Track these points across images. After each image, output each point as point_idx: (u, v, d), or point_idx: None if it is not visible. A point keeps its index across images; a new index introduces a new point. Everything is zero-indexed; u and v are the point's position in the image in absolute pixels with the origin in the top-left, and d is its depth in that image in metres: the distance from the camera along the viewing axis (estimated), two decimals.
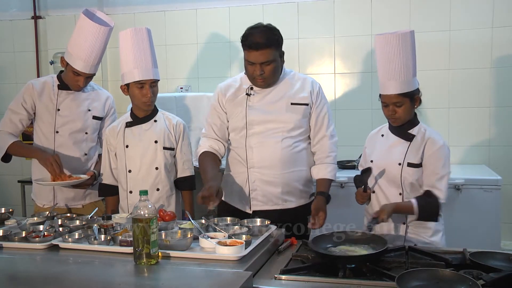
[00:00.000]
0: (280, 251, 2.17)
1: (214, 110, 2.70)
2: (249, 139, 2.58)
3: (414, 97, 2.42)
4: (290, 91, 2.61)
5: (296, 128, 2.59)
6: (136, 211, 1.87)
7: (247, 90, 2.61)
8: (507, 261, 1.93)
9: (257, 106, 2.59)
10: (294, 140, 2.58)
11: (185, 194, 2.87)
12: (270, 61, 2.48)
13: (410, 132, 2.45)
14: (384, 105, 2.46)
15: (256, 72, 2.49)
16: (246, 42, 2.48)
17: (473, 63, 4.07)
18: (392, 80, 2.38)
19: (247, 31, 2.51)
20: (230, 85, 2.69)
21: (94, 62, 2.84)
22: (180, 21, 4.66)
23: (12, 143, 2.90)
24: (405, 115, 2.42)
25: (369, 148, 2.62)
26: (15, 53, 5.07)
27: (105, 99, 3.08)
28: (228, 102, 2.64)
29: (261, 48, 2.44)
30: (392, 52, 2.37)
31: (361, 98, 4.31)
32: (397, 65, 2.37)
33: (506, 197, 3.82)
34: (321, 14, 4.33)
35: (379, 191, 2.50)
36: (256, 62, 2.47)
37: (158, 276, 1.82)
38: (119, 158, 2.79)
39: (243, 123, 2.59)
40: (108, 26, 2.86)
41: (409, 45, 2.39)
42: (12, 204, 4.34)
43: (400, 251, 2.11)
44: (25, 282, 1.84)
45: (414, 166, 2.41)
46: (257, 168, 2.57)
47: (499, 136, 4.08)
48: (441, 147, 2.40)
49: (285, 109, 2.58)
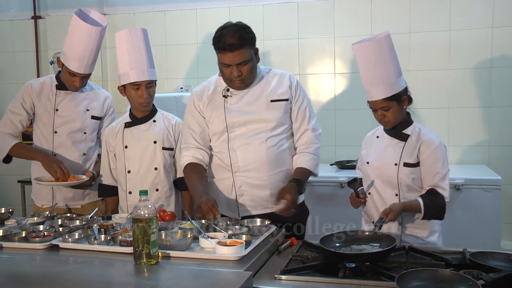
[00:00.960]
0: (280, 251, 2.17)
1: (191, 117, 2.59)
2: (232, 143, 2.50)
3: (401, 98, 2.40)
4: (268, 89, 2.53)
5: (279, 125, 2.51)
6: (136, 211, 1.87)
7: (223, 92, 2.53)
8: (507, 261, 1.92)
9: (236, 108, 2.51)
10: (278, 139, 2.51)
11: (185, 194, 2.86)
12: (247, 61, 2.40)
13: (405, 132, 2.45)
14: (373, 110, 2.46)
15: (233, 74, 2.41)
16: (219, 44, 2.38)
17: (473, 63, 4.07)
18: (375, 86, 2.38)
19: (218, 32, 2.41)
20: (203, 89, 2.60)
21: (88, 62, 2.83)
22: (180, 21, 4.66)
23: (14, 145, 2.90)
24: (395, 118, 2.42)
25: (365, 149, 2.62)
26: (15, 53, 5.07)
27: (103, 99, 3.07)
28: (206, 106, 2.55)
29: (235, 49, 2.35)
30: (370, 59, 2.37)
31: (361, 98, 4.23)
32: (377, 71, 2.37)
33: (506, 197, 3.82)
34: (321, 14, 4.33)
35: (374, 192, 2.50)
36: (231, 63, 2.39)
37: (158, 276, 1.82)
38: (118, 158, 2.79)
39: (223, 126, 2.51)
40: (100, 26, 2.84)
41: (385, 49, 2.37)
42: (12, 204, 4.34)
43: (400, 251, 2.10)
44: (25, 282, 1.84)
45: (410, 166, 2.41)
46: (242, 172, 2.50)
47: (499, 136, 4.08)
48: (438, 146, 2.40)
49: (266, 107, 2.50)
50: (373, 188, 2.50)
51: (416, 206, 2.36)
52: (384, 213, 2.31)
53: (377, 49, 2.37)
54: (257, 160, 2.48)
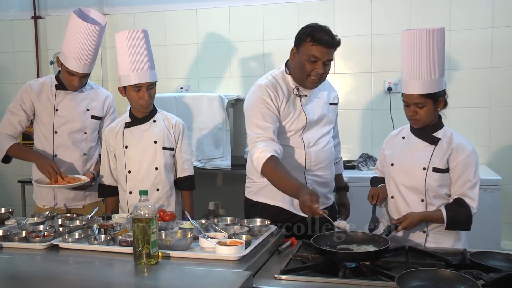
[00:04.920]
0: (280, 251, 2.17)
1: (268, 109, 2.45)
2: (306, 141, 2.55)
3: (438, 99, 2.29)
4: (325, 92, 2.65)
5: (333, 127, 2.71)
6: (136, 211, 1.87)
7: (294, 91, 2.54)
8: (507, 261, 1.92)
9: (310, 107, 2.56)
10: (331, 139, 2.68)
11: (185, 194, 2.86)
12: (330, 62, 2.46)
13: (435, 135, 2.34)
14: (406, 104, 2.32)
15: (317, 70, 2.41)
16: (315, 36, 2.37)
17: (473, 63, 4.07)
18: (416, 79, 2.24)
19: (313, 27, 2.42)
20: (275, 85, 2.53)
21: (87, 61, 2.82)
22: (180, 21, 4.66)
23: (11, 146, 2.91)
24: (427, 117, 2.30)
25: (389, 150, 2.49)
26: (15, 53, 5.07)
27: (104, 99, 3.06)
28: (283, 103, 2.50)
29: (330, 47, 2.40)
30: (418, 49, 2.22)
31: (361, 98, 4.32)
32: (422, 64, 2.22)
33: (506, 197, 3.82)
34: (321, 14, 4.32)
35: (399, 196, 2.38)
36: (322, 59, 2.40)
37: (158, 276, 1.82)
38: (119, 158, 2.79)
39: (303, 124, 2.52)
40: (99, 25, 2.83)
41: (437, 43, 2.24)
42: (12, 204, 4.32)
43: (400, 251, 2.11)
44: (25, 282, 1.85)
45: (440, 172, 2.29)
46: (313, 170, 2.56)
47: (499, 136, 4.08)
48: (471, 153, 2.29)
49: (328, 110, 2.64)
50: (397, 192, 2.39)
51: (438, 217, 2.26)
52: (399, 220, 2.24)
53: (429, 41, 2.22)
54: (325, 159, 2.60)
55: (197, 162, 3.99)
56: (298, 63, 2.45)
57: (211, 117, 4.10)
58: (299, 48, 2.44)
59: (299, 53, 2.44)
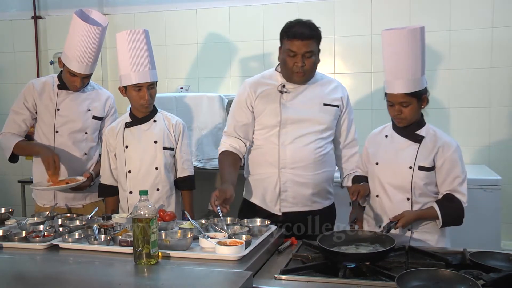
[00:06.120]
0: (280, 251, 2.17)
1: (239, 107, 2.64)
2: (282, 138, 2.55)
3: (422, 97, 2.32)
4: (321, 92, 2.61)
5: (328, 129, 2.60)
6: (136, 211, 1.87)
7: (279, 88, 2.57)
8: (507, 261, 1.93)
9: (291, 105, 2.56)
10: (325, 142, 2.59)
11: (185, 194, 2.86)
12: (311, 53, 2.47)
13: (418, 133, 2.35)
14: (390, 104, 2.34)
15: (297, 64, 2.46)
16: (290, 32, 2.46)
17: (473, 63, 4.06)
18: (399, 78, 2.26)
19: (289, 23, 2.51)
20: (259, 81, 2.64)
21: (89, 62, 2.83)
22: (180, 21, 4.66)
23: (17, 143, 2.92)
24: (412, 116, 2.32)
25: (372, 148, 2.50)
26: (15, 53, 5.07)
27: (105, 99, 3.07)
28: (259, 99, 2.59)
29: (305, 38, 2.43)
30: (400, 49, 2.25)
31: (361, 98, 4.31)
32: (405, 63, 2.25)
33: (506, 197, 3.81)
34: (321, 14, 4.32)
35: (384, 195, 2.40)
36: (298, 52, 2.44)
37: (158, 276, 1.82)
38: (119, 158, 2.79)
39: (276, 120, 2.55)
40: (100, 26, 2.84)
41: (418, 42, 2.27)
42: (12, 204, 4.33)
43: (400, 251, 2.10)
44: (25, 282, 1.85)
45: (426, 170, 2.31)
46: (289, 168, 2.54)
47: (499, 136, 4.07)
48: (456, 149, 2.31)
49: (318, 109, 2.58)
50: (382, 190, 2.40)
51: (432, 214, 2.28)
52: (395, 217, 2.24)
53: (410, 40, 2.24)
54: (305, 158, 2.54)
55: (197, 162, 3.99)
56: (282, 59, 2.55)
57: (211, 117, 4.10)
58: (281, 46, 2.54)
59: (281, 51, 2.54)
